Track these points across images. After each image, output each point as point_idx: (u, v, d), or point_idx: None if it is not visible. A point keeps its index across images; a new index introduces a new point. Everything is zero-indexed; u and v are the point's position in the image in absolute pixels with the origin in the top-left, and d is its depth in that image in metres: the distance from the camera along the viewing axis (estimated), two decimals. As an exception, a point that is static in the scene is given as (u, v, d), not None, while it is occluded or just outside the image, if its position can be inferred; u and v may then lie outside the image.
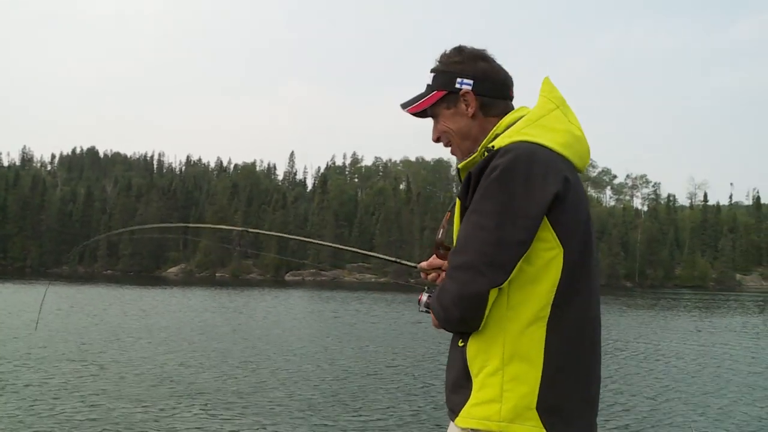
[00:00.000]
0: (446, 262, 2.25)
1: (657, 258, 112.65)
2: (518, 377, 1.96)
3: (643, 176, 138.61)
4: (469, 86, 2.22)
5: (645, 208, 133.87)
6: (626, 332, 26.27)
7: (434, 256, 2.37)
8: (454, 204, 2.21)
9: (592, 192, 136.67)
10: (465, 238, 2.00)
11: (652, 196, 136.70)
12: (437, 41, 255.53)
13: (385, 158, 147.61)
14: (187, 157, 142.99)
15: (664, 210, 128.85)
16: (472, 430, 1.99)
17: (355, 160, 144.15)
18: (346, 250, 3.34)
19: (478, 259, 1.95)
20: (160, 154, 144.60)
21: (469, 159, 2.17)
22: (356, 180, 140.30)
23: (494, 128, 2.17)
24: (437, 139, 2.34)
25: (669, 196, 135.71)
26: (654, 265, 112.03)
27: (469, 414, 2.00)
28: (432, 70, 2.31)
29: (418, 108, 2.30)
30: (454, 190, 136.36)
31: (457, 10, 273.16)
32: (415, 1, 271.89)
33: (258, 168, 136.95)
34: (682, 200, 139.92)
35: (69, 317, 26.26)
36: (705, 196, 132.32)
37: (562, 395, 1.99)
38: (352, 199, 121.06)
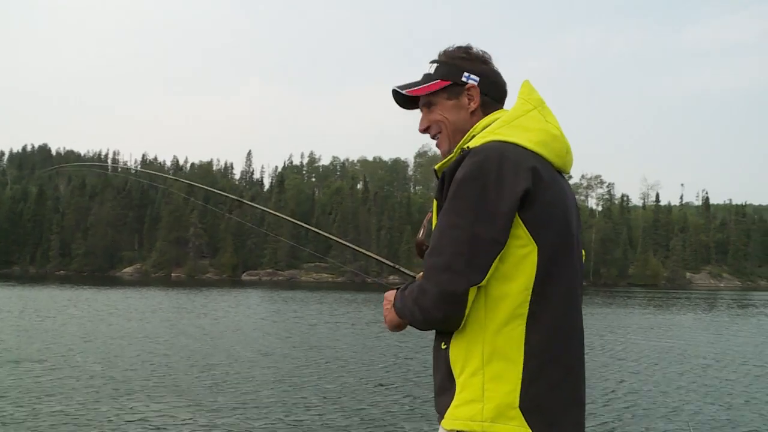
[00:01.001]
0: None
1: (611, 257, 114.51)
2: (499, 376, 1.97)
3: (597, 176, 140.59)
4: (475, 82, 2.25)
5: (599, 208, 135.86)
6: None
7: None
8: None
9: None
10: (439, 238, 1.99)
11: (607, 196, 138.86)
12: (398, 41, 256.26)
13: (342, 158, 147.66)
14: (143, 155, 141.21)
15: (617, 210, 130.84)
16: (456, 431, 1.99)
17: (313, 160, 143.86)
18: (364, 253, 3.08)
19: (454, 258, 1.94)
20: (114, 153, 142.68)
21: (445, 160, 2.17)
22: (313, 179, 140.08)
23: (471, 129, 2.21)
24: (425, 129, 2.34)
25: (623, 196, 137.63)
26: (608, 264, 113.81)
27: (453, 415, 2.00)
28: (434, 61, 2.32)
29: (419, 91, 2.29)
30: (412, 189, 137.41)
31: (418, 11, 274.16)
32: (376, 1, 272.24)
33: (215, 167, 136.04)
34: (636, 200, 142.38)
35: (18, 320, 25.78)
36: (657, 196, 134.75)
37: (545, 393, 1.99)
38: (309, 199, 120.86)
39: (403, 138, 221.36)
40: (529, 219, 1.97)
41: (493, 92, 2.28)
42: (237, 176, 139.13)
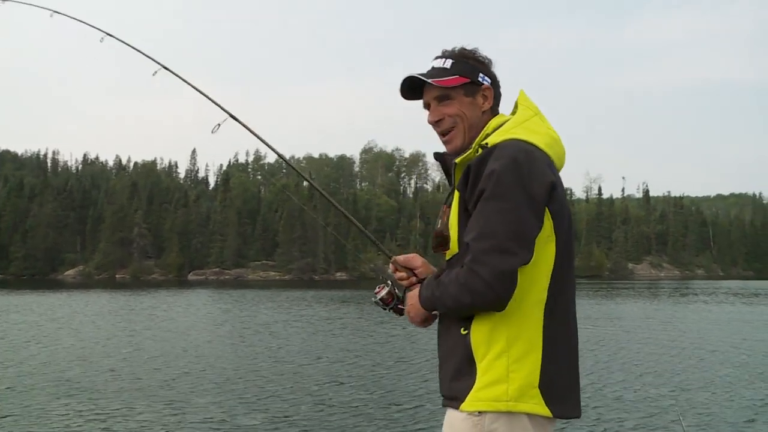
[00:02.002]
0: (420, 266, 2.47)
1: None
2: (522, 358, 2.12)
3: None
4: (488, 83, 2.40)
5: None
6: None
7: (413, 255, 2.51)
8: (450, 195, 2.38)
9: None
10: (487, 224, 2.10)
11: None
12: (343, 39, 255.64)
13: (288, 155, 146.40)
14: (84, 155, 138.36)
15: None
16: (479, 412, 2.12)
17: (258, 158, 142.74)
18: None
19: (506, 240, 2.07)
20: (54, 153, 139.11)
21: (465, 155, 2.29)
22: (259, 177, 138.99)
23: (485, 128, 2.34)
24: (437, 121, 2.41)
25: (566, 189, 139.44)
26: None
27: (476, 397, 2.12)
28: (450, 57, 2.41)
29: (445, 83, 2.36)
30: (358, 186, 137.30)
31: (359, 9, 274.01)
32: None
33: (159, 166, 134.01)
34: (579, 194, 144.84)
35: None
36: (599, 189, 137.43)
37: (558, 373, 2.17)
38: (255, 197, 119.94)
39: (348, 135, 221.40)
40: (552, 210, 2.16)
41: (498, 97, 2.45)
42: (182, 175, 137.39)
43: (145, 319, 28.60)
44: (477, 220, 2.14)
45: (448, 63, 2.38)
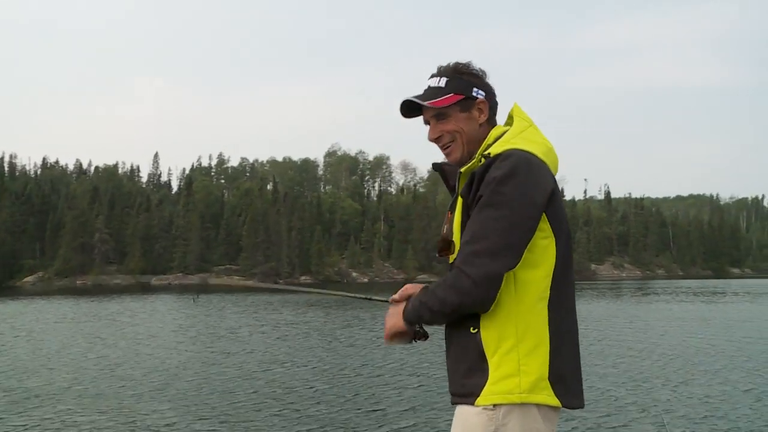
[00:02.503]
0: (414, 290, 2.48)
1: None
2: (532, 352, 2.24)
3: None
4: (483, 96, 2.49)
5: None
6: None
7: (405, 287, 2.55)
8: (454, 202, 2.47)
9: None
10: (481, 228, 2.24)
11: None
12: (294, 42, 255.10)
13: (251, 159, 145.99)
14: (43, 159, 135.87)
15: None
16: (494, 405, 2.22)
17: (222, 161, 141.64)
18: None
19: (494, 244, 2.20)
20: (11, 156, 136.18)
21: (471, 163, 2.39)
22: (222, 181, 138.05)
23: (486, 139, 2.45)
24: (437, 138, 2.53)
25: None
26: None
27: (490, 391, 2.23)
28: (445, 74, 2.51)
29: (440, 103, 2.47)
30: (322, 189, 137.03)
31: (313, 12, 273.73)
32: (272, 2, 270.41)
33: (120, 170, 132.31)
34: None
35: None
36: (562, 191, 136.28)
37: (564, 365, 2.30)
38: (219, 201, 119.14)
39: (312, 138, 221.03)
40: (550, 214, 2.29)
41: (494, 108, 2.54)
42: (144, 179, 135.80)
43: (108, 325, 28.25)
44: (473, 224, 2.27)
45: (443, 81, 2.48)
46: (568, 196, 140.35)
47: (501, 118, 2.56)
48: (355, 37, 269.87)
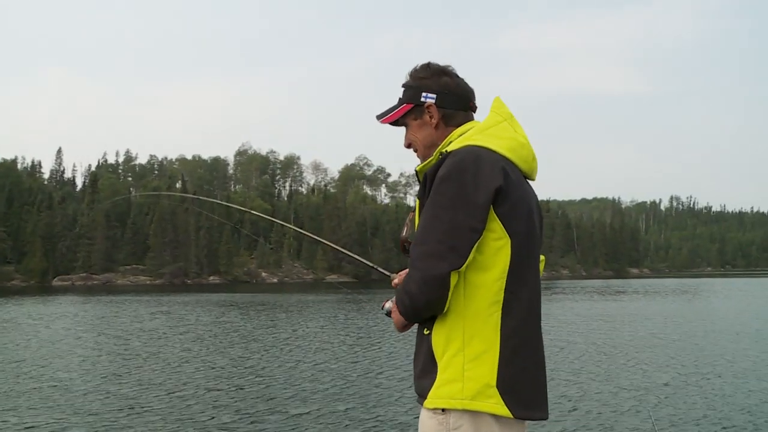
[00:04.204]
0: None
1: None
2: (478, 357, 2.18)
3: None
4: (432, 100, 2.49)
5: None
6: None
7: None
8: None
9: (367, 190, 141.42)
10: (423, 229, 2.23)
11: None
12: (217, 39, 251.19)
13: (160, 156, 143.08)
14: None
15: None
16: (443, 410, 2.19)
17: (129, 158, 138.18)
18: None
19: (436, 246, 2.17)
20: None
21: (425, 162, 2.47)
22: (130, 179, 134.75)
23: (449, 136, 2.46)
24: (408, 146, 2.60)
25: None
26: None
27: (435, 395, 2.21)
28: (402, 85, 2.58)
29: (389, 119, 2.56)
30: (232, 188, 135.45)
31: (231, 7, 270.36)
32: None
33: (20, 165, 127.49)
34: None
35: None
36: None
37: (518, 374, 2.22)
38: (125, 199, 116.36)
39: (223, 136, 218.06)
40: (502, 214, 2.22)
41: (452, 104, 2.52)
42: (46, 176, 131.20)
43: (6, 329, 27.28)
44: (419, 226, 2.29)
45: (402, 92, 2.57)
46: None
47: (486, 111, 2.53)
48: (269, 36, 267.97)
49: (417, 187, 2.50)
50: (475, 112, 2.59)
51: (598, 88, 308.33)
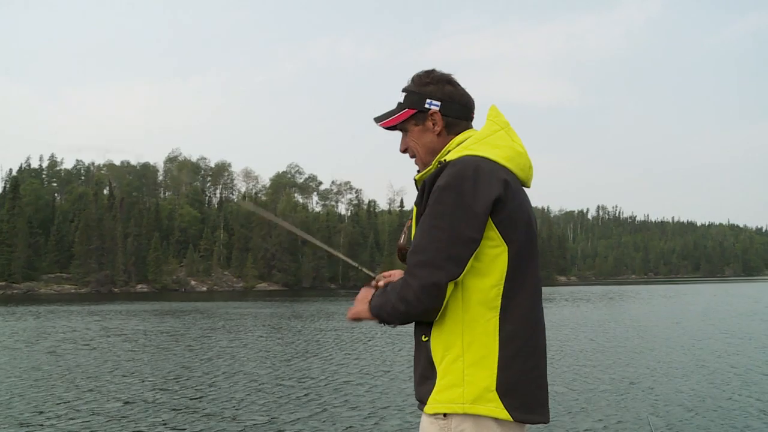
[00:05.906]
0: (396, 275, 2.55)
1: (358, 259, 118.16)
2: (477, 362, 2.21)
3: (347, 183, 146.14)
4: (437, 107, 2.48)
5: (348, 213, 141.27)
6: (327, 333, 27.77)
7: (396, 271, 2.60)
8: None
9: (299, 198, 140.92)
10: (422, 238, 2.24)
11: (355, 201, 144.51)
12: (149, 42, 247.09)
13: (87, 161, 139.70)
14: None
15: (365, 215, 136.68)
16: (444, 415, 2.22)
17: (54, 163, 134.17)
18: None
19: (435, 255, 2.19)
20: None
21: (424, 171, 2.45)
22: (54, 184, 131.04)
23: (447, 145, 2.46)
24: (404, 150, 2.59)
25: (370, 201, 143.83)
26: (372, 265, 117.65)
27: (435, 400, 2.24)
28: (404, 90, 2.55)
29: (390, 123, 2.55)
30: (162, 195, 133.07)
31: (160, 9, 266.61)
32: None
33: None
34: (383, 205, 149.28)
35: None
36: (401, 201, 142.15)
37: (518, 377, 2.24)
38: (49, 205, 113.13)
39: (152, 142, 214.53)
40: (500, 222, 2.24)
41: (456, 112, 2.51)
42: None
43: None
44: (417, 234, 2.30)
45: (402, 96, 2.55)
46: (407, 206, 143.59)
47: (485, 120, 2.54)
48: (200, 40, 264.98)
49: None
50: (472, 122, 2.60)
51: (527, 99, 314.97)
